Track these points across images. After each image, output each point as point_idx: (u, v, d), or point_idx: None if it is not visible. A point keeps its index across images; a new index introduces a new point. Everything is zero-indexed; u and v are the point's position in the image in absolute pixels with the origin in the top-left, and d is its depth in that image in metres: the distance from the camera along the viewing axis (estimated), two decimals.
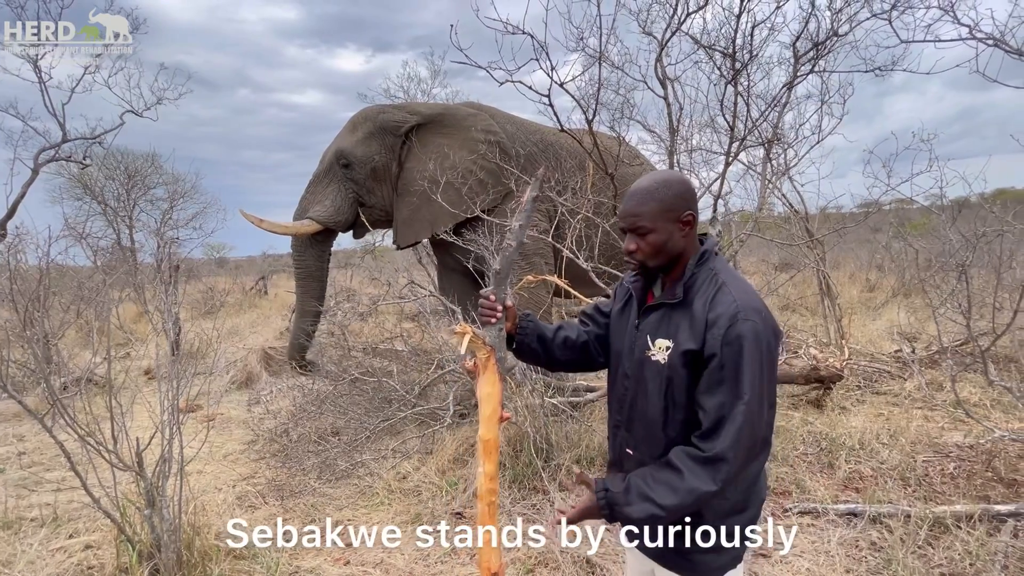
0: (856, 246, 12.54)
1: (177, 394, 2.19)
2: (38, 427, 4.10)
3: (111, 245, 10.66)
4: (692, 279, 1.14)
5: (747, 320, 1.04)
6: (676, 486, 1.05)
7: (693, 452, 1.06)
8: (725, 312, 1.05)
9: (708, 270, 1.15)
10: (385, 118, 4.46)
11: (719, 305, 1.07)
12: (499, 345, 1.26)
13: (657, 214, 1.13)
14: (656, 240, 1.14)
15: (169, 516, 2.13)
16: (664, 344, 1.13)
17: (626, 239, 1.19)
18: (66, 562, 2.34)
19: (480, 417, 1.23)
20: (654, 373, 1.15)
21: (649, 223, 1.13)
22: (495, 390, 1.23)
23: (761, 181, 4.31)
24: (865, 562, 2.26)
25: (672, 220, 1.13)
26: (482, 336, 1.24)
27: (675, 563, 1.18)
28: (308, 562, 2.42)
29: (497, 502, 1.23)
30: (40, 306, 3.43)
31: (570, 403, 3.39)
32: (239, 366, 5.73)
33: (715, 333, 1.05)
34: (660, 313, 1.17)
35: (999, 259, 3.13)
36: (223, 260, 19.72)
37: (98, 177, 11.02)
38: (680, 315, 1.13)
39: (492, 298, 1.27)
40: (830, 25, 3.63)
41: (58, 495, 3.07)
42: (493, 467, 1.21)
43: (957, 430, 3.49)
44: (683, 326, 1.11)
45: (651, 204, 1.13)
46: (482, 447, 1.21)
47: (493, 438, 1.22)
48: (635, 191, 1.16)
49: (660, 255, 1.15)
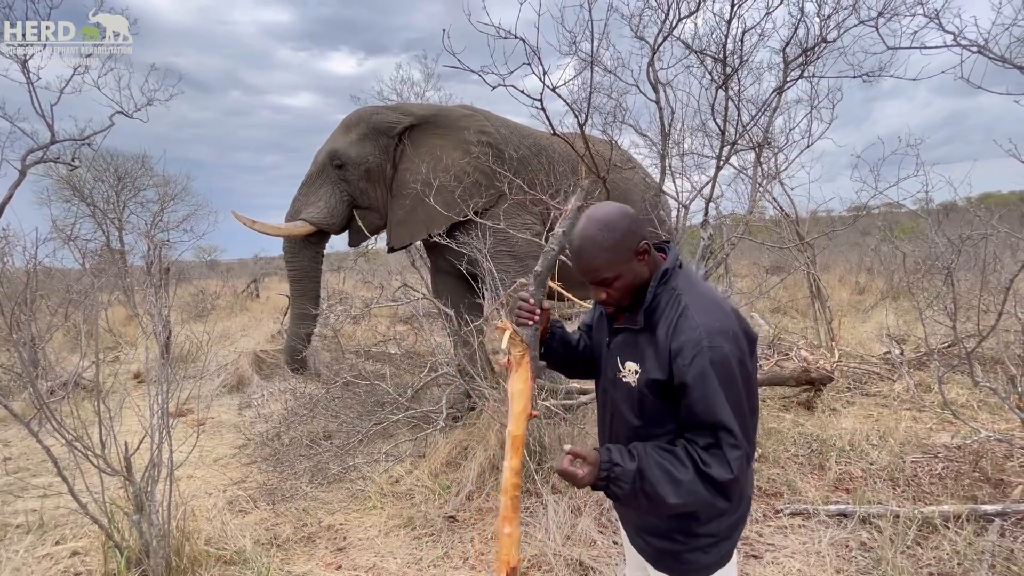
0: (846, 249, 12.69)
1: (167, 398, 2.17)
2: (24, 432, 4.06)
3: (100, 247, 10.55)
4: (654, 303, 1.13)
5: (711, 347, 1.03)
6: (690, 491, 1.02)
7: (704, 466, 1.03)
8: (688, 340, 1.04)
9: (669, 291, 1.13)
10: (379, 119, 4.46)
11: (681, 333, 1.06)
12: (534, 344, 1.29)
13: (614, 261, 1.11)
14: (623, 283, 1.14)
15: (158, 521, 2.11)
16: (633, 367, 1.15)
17: (592, 290, 1.18)
18: (52, 569, 2.31)
19: (510, 413, 1.25)
20: (625, 394, 1.17)
21: (610, 272, 1.12)
22: (527, 387, 1.25)
23: (752, 185, 4.35)
24: (855, 562, 2.28)
25: (629, 258, 1.12)
26: (521, 334, 1.27)
27: (666, 564, 1.19)
28: (299, 567, 2.40)
29: (520, 496, 1.25)
30: (27, 309, 3.38)
31: (563, 406, 3.39)
32: (230, 369, 5.68)
33: (680, 364, 1.04)
34: (625, 336, 1.19)
35: (984, 262, 3.18)
36: (214, 263, 19.59)
37: (87, 179, 10.91)
38: (644, 341, 1.14)
39: (531, 301, 1.28)
40: (819, 31, 3.68)
41: (44, 501, 3.03)
42: (519, 462, 1.22)
43: (945, 431, 3.54)
44: (648, 353, 1.12)
45: (604, 255, 1.11)
46: (510, 442, 1.23)
47: (521, 434, 1.24)
48: (583, 246, 1.13)
49: (631, 292, 1.15)
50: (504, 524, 1.19)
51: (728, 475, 1.01)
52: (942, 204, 9.90)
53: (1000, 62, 2.80)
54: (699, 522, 1.14)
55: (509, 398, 1.26)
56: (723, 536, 1.16)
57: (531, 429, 3.02)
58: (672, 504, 1.02)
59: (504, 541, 1.18)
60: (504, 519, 1.19)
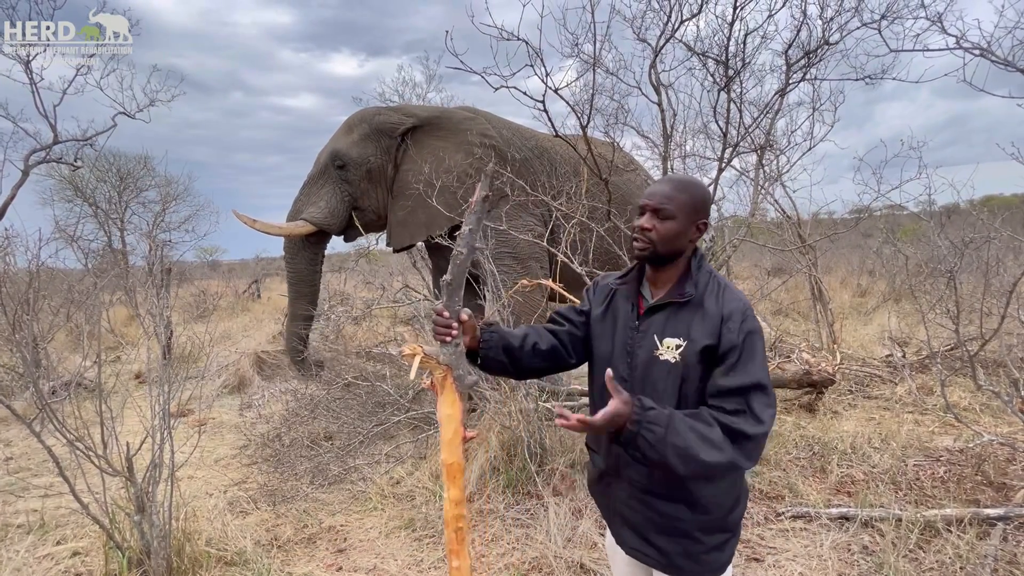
0: (848, 251, 12.67)
1: (168, 398, 2.17)
2: (25, 432, 4.07)
3: (102, 248, 10.58)
4: (696, 279, 1.19)
5: (754, 317, 1.14)
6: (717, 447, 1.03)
7: (732, 424, 1.05)
8: (737, 308, 1.13)
9: (706, 271, 1.21)
10: (381, 120, 4.47)
11: (730, 302, 1.14)
12: (456, 363, 1.19)
13: (685, 205, 1.17)
14: (673, 228, 1.17)
15: (159, 522, 2.11)
16: (674, 343, 1.14)
17: (644, 217, 1.20)
18: (54, 569, 2.31)
19: (441, 441, 1.18)
20: (665, 373, 1.14)
21: (676, 209, 1.17)
22: (455, 411, 1.18)
23: (754, 187, 4.35)
24: (857, 566, 2.27)
25: (692, 219, 1.18)
26: (435, 355, 1.17)
27: (679, 567, 1.18)
28: (300, 568, 2.40)
29: (466, 528, 1.19)
30: (29, 309, 3.39)
31: (564, 407, 3.39)
32: (231, 370, 5.68)
33: (731, 327, 1.11)
34: (666, 313, 1.18)
35: (987, 265, 3.18)
36: (215, 263, 19.63)
37: (89, 179, 10.94)
38: (689, 313, 1.15)
39: (446, 314, 1.19)
40: (821, 34, 3.68)
41: (45, 501, 3.03)
42: (459, 492, 1.16)
43: (947, 434, 3.53)
44: (695, 323, 1.14)
45: (684, 195, 1.18)
46: (445, 472, 1.16)
47: (456, 461, 1.17)
48: (671, 178, 1.22)
49: (668, 244, 1.18)
50: (452, 558, 1.15)
51: (760, 428, 1.05)
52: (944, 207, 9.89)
53: (1003, 65, 2.80)
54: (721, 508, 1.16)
55: (440, 424, 1.18)
56: (734, 531, 1.20)
57: (532, 431, 3.02)
58: (700, 459, 1.02)
59: (453, 575, 1.15)
60: (451, 552, 1.15)
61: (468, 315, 1.24)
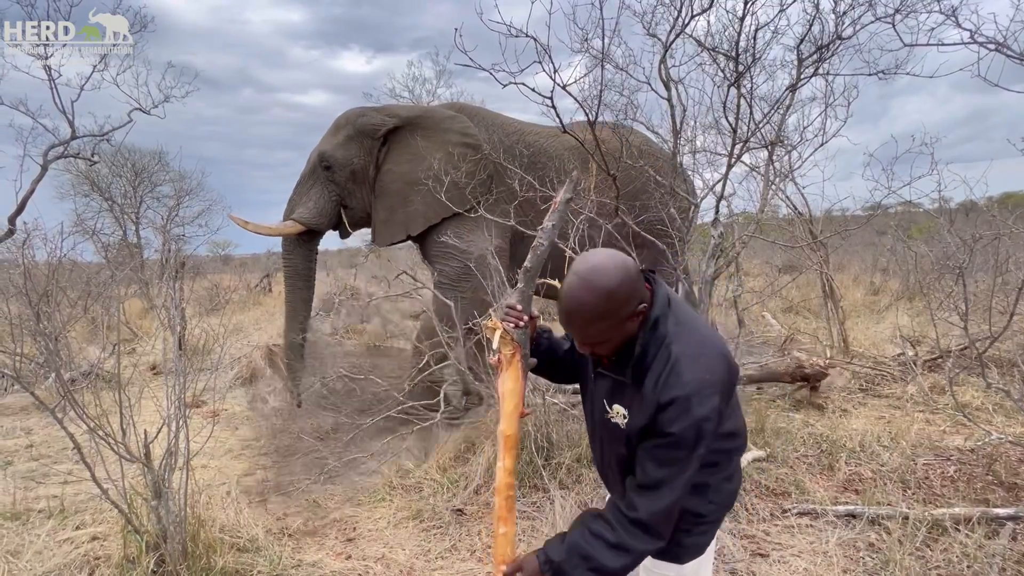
0: (860, 249, 12.50)
1: (184, 388, 2.23)
2: (45, 420, 4.17)
3: (118, 241, 10.75)
4: (642, 354, 1.10)
5: (699, 405, 1.03)
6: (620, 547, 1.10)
7: (627, 514, 1.10)
8: (678, 397, 1.04)
9: (658, 340, 1.09)
10: (364, 121, 4.53)
11: (671, 389, 1.05)
12: (524, 343, 1.28)
13: (604, 329, 1.07)
14: (612, 345, 1.12)
15: (175, 508, 2.17)
16: (621, 411, 1.16)
17: (578, 343, 1.16)
18: (73, 552, 2.38)
19: (501, 412, 1.26)
20: (613, 432, 1.20)
21: (602, 337, 1.09)
22: (517, 386, 1.25)
23: (764, 183, 4.32)
24: (863, 563, 2.28)
25: (621, 323, 1.07)
26: (512, 333, 1.26)
27: (663, 551, 1.22)
28: (310, 556, 2.45)
29: (515, 496, 1.26)
30: (51, 301, 3.48)
31: (571, 403, 3.41)
32: (243, 363, 5.78)
33: (665, 418, 1.05)
34: (611, 382, 1.20)
35: (997, 262, 3.13)
36: (228, 257, 19.83)
37: (105, 174, 11.11)
38: (631, 391, 1.14)
39: (519, 308, 1.27)
40: (834, 28, 3.63)
41: (65, 487, 3.12)
42: (512, 462, 1.23)
43: (958, 434, 3.50)
44: (635, 403, 1.13)
45: (598, 324, 1.06)
46: (502, 442, 1.23)
47: (513, 433, 1.24)
48: (572, 310, 1.06)
49: (614, 345, 1.13)
50: (499, 524, 1.21)
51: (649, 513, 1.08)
52: (962, 204, 9.71)
53: (1019, 60, 2.75)
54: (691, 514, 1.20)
55: (500, 397, 1.26)
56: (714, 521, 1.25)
57: (539, 425, 3.05)
58: (614, 568, 1.09)
59: (499, 540, 1.21)
60: (499, 519, 1.21)
61: (536, 314, 1.35)
